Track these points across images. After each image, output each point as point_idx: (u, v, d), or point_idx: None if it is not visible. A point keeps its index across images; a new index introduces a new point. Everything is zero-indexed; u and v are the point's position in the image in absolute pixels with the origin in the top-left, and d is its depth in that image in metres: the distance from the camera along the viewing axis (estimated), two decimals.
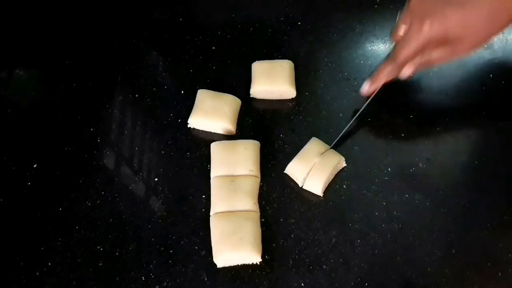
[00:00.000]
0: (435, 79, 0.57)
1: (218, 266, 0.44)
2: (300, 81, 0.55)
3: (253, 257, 0.44)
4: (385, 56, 0.50)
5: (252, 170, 0.48)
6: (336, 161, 0.48)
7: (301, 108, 0.55)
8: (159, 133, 0.53)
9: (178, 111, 0.54)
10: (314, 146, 0.50)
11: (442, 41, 0.42)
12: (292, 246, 0.45)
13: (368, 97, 0.51)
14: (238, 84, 0.56)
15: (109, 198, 0.48)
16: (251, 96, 0.55)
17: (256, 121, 0.54)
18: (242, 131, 0.53)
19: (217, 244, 0.44)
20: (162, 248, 0.45)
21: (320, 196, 0.48)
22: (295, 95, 0.55)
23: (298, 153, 0.50)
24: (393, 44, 0.48)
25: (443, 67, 0.58)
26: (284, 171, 0.50)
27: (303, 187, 0.48)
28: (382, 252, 0.45)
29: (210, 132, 0.53)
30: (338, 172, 0.50)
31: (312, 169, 0.48)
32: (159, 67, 0.59)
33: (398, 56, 0.45)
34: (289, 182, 0.49)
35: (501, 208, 0.48)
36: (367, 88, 0.51)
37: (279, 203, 0.48)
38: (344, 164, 0.50)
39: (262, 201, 0.48)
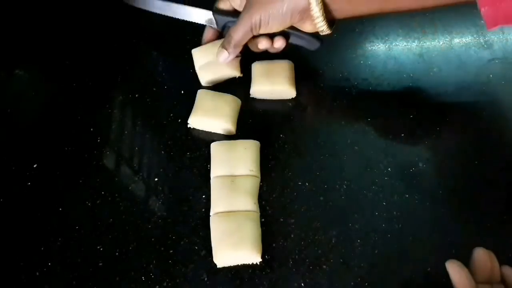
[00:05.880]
0: (435, 79, 0.57)
1: (218, 266, 0.44)
2: (300, 81, 0.55)
3: (253, 257, 0.43)
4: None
5: (252, 170, 0.48)
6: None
7: (301, 108, 0.55)
8: (159, 133, 0.53)
9: (178, 111, 0.54)
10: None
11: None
12: (292, 246, 0.45)
13: None
14: (238, 84, 0.56)
15: (109, 198, 0.48)
16: (251, 96, 0.55)
17: (256, 121, 0.54)
18: (242, 131, 0.53)
19: (217, 244, 0.44)
20: (162, 248, 0.45)
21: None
22: (295, 95, 0.55)
23: None
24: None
25: (443, 67, 0.58)
26: None
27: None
28: (382, 252, 0.45)
29: (210, 132, 0.53)
30: (338, 173, 0.50)
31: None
32: (159, 67, 0.59)
33: (231, 38, 0.51)
34: (289, 182, 0.49)
35: (501, 208, 0.48)
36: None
37: (279, 203, 0.48)
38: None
39: (262, 201, 0.48)
